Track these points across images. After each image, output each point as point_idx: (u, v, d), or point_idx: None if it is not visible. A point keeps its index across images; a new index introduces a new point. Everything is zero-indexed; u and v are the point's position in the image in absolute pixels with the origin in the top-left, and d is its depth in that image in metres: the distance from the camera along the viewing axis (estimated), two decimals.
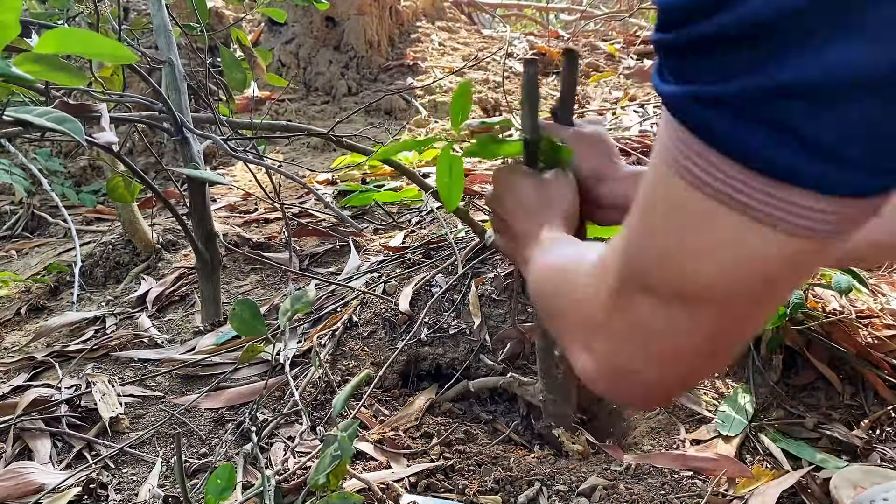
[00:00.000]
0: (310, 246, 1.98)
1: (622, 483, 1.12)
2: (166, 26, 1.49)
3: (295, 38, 3.64)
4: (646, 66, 3.68)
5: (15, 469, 1.18)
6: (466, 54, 3.79)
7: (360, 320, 1.52)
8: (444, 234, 1.77)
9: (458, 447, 1.22)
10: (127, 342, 1.59)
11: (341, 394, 1.05)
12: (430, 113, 3.19)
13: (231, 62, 1.61)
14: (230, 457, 1.20)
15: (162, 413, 1.34)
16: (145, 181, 1.40)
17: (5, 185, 2.76)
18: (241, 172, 2.73)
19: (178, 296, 1.81)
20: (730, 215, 0.35)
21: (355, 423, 0.96)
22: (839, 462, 1.15)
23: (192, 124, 1.49)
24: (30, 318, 1.87)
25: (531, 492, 1.11)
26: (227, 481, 0.92)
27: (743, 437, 1.20)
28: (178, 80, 1.49)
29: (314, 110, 3.41)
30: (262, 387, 1.36)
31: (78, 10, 1.68)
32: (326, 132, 1.60)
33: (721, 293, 0.39)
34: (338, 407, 1.04)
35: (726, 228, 0.35)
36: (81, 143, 0.87)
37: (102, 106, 1.08)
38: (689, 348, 0.42)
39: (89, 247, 2.13)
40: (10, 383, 1.44)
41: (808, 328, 1.32)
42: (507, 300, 1.52)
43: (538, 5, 4.89)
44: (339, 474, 0.95)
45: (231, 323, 1.11)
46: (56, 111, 0.85)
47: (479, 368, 1.44)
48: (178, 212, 1.50)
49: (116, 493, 1.15)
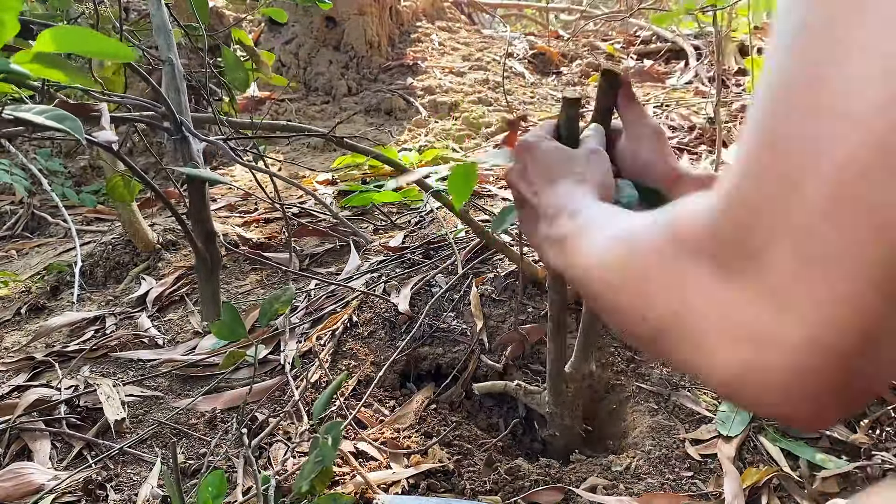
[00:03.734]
0: (310, 246, 1.98)
1: (622, 483, 1.12)
2: (166, 26, 1.49)
3: (295, 39, 3.63)
4: (646, 66, 3.68)
5: (15, 469, 1.18)
6: (466, 54, 3.79)
7: (360, 320, 1.52)
8: (444, 234, 1.77)
9: (458, 447, 1.22)
10: (127, 342, 1.59)
11: (321, 398, 1.05)
12: (430, 113, 3.19)
13: (233, 62, 1.62)
14: (229, 458, 1.20)
15: (162, 413, 1.34)
16: (144, 180, 1.40)
17: (5, 185, 2.76)
18: (241, 172, 2.73)
19: (178, 296, 1.80)
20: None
21: (339, 424, 0.96)
22: (839, 462, 1.15)
23: (191, 124, 1.49)
24: (30, 318, 1.87)
25: (531, 492, 1.11)
26: (218, 488, 0.91)
27: (743, 437, 1.20)
28: (177, 79, 1.49)
29: (314, 110, 3.41)
30: (264, 388, 1.36)
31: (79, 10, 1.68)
32: (326, 132, 1.60)
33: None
34: (317, 411, 1.03)
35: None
36: (81, 141, 0.87)
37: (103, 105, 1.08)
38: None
39: (89, 247, 2.13)
40: (10, 383, 1.44)
41: None
42: (507, 300, 1.52)
43: (538, 5, 4.89)
44: (324, 479, 0.94)
45: (212, 329, 1.10)
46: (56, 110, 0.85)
47: (479, 369, 1.44)
48: (178, 211, 1.50)
49: (116, 493, 1.15)
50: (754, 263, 0.34)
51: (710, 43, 3.56)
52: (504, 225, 1.25)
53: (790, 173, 0.32)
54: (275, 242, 2.02)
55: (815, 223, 0.32)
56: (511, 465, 1.17)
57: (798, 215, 0.32)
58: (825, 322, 0.32)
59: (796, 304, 0.33)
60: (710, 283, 0.37)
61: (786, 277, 0.33)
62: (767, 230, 0.34)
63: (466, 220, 1.55)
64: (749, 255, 0.34)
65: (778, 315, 0.34)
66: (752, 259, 0.34)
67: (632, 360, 1.39)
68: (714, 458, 1.17)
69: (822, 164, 0.31)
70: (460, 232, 1.79)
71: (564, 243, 0.57)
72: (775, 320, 0.34)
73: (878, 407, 1.26)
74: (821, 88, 0.31)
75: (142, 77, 1.46)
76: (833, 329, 0.32)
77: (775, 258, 0.33)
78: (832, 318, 0.32)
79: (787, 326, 0.33)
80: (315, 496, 0.94)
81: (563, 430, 1.23)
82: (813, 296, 0.32)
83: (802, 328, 0.33)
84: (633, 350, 1.41)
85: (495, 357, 1.43)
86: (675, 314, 0.39)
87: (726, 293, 0.36)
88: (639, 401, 1.32)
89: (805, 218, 0.32)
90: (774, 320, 0.34)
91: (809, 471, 1.15)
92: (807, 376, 0.33)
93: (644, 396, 1.32)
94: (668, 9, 4.16)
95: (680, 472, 1.15)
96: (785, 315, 0.33)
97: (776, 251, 0.33)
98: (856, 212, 0.30)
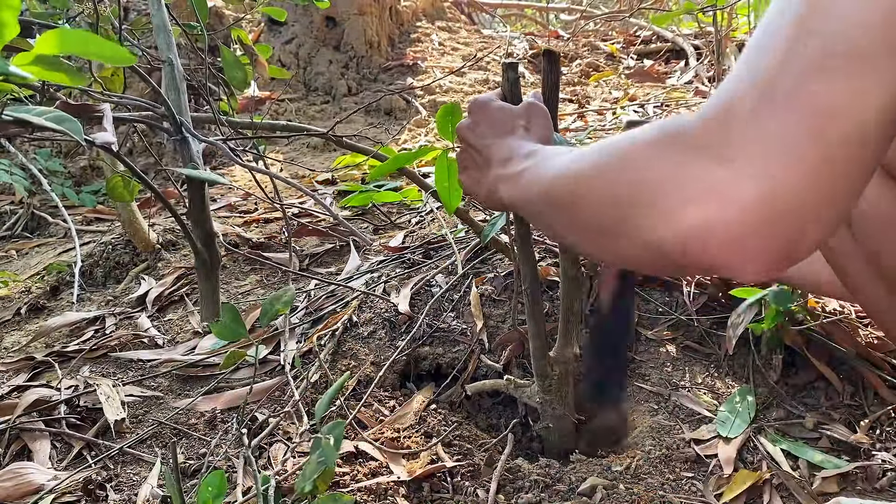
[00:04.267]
0: (310, 246, 1.98)
1: (622, 483, 1.12)
2: (166, 25, 1.49)
3: (295, 38, 3.63)
4: (646, 66, 3.68)
5: (14, 469, 1.18)
6: (466, 54, 3.78)
7: (360, 320, 1.52)
8: (444, 234, 1.77)
9: (458, 447, 1.22)
10: (127, 342, 1.59)
11: (323, 398, 1.05)
12: (430, 113, 3.19)
13: (232, 61, 1.62)
14: (229, 458, 1.20)
15: (162, 413, 1.34)
16: (144, 180, 1.40)
17: (5, 185, 2.76)
18: (241, 172, 2.73)
19: (178, 296, 1.80)
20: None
21: (341, 424, 0.96)
22: (839, 462, 1.15)
23: (191, 124, 1.49)
24: (30, 318, 1.87)
25: (532, 492, 1.11)
26: (218, 488, 0.91)
27: (743, 437, 1.20)
28: (177, 79, 1.49)
29: (314, 110, 3.41)
30: (264, 388, 1.36)
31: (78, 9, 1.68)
32: (326, 132, 1.60)
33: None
34: (319, 411, 1.03)
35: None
36: (81, 142, 0.87)
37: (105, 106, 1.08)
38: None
39: (89, 247, 2.13)
40: (10, 383, 1.44)
41: (808, 328, 1.32)
42: (507, 300, 1.52)
43: (538, 5, 4.89)
44: (326, 479, 0.94)
45: (212, 329, 1.11)
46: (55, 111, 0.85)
47: (479, 369, 1.44)
48: (178, 211, 1.50)
49: (116, 493, 1.15)
50: (730, 140, 0.43)
51: (710, 43, 3.56)
52: (494, 230, 1.26)
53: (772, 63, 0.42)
54: (275, 242, 2.02)
55: (784, 105, 0.41)
56: (511, 465, 1.17)
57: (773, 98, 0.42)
58: (783, 180, 0.41)
59: (759, 166, 0.41)
60: (684, 162, 0.45)
61: (754, 147, 0.42)
62: (745, 115, 0.43)
63: (466, 219, 1.55)
64: (726, 134, 0.43)
65: (738, 177, 0.42)
66: (728, 137, 0.43)
67: (631, 360, 1.39)
68: (714, 458, 1.17)
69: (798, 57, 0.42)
70: (460, 232, 1.79)
71: (521, 176, 0.68)
72: (736, 182, 0.42)
73: (878, 407, 1.26)
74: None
75: (141, 77, 1.46)
76: (789, 186, 0.41)
77: (748, 134, 0.42)
78: (790, 176, 0.41)
79: (746, 186, 0.42)
80: (316, 496, 0.94)
81: (555, 421, 1.22)
82: (775, 159, 0.41)
83: (761, 185, 0.41)
84: (633, 350, 1.41)
85: (495, 357, 1.43)
86: (647, 188, 0.47)
87: (696, 164, 0.44)
88: (639, 401, 1.32)
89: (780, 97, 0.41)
90: (735, 182, 0.42)
91: (809, 471, 1.15)
92: (763, 228, 0.42)
93: (644, 396, 1.32)
94: (668, 9, 4.16)
95: (680, 472, 1.15)
96: (746, 177, 0.42)
97: (748, 129, 0.42)
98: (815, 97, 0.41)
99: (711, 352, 1.40)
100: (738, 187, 0.42)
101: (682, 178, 0.44)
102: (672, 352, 1.40)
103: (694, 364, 1.38)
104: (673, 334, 1.43)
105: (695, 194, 0.43)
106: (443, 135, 1.02)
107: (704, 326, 1.43)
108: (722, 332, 1.39)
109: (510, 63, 0.93)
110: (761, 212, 0.41)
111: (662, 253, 0.46)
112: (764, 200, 0.41)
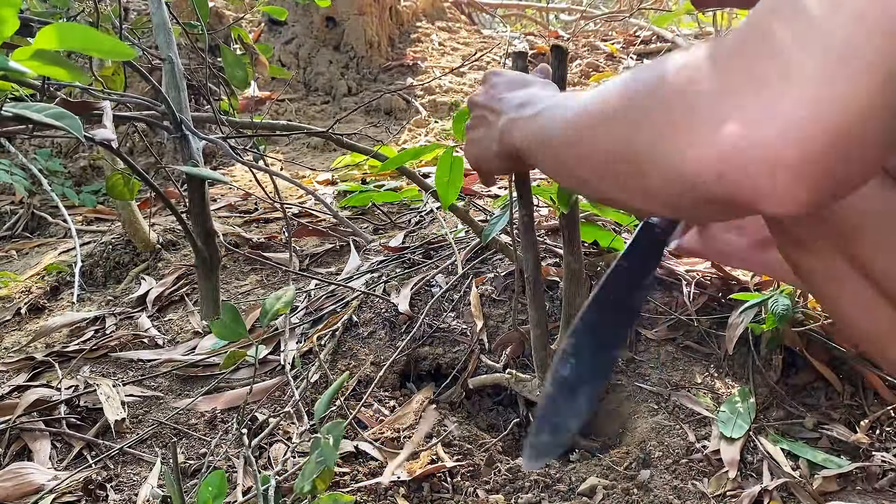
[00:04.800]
0: (310, 246, 1.98)
1: (622, 483, 1.12)
2: (165, 23, 1.49)
3: (295, 38, 3.63)
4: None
5: (15, 469, 1.18)
6: (466, 54, 3.78)
7: (360, 320, 1.52)
8: (444, 234, 1.77)
9: (458, 447, 1.22)
10: (127, 342, 1.59)
11: (322, 398, 1.05)
12: (430, 113, 3.19)
13: (233, 60, 1.61)
14: (229, 458, 1.20)
15: (162, 413, 1.34)
16: (144, 178, 1.40)
17: (5, 185, 2.76)
18: (241, 172, 2.73)
19: (178, 296, 1.80)
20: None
21: (340, 424, 0.95)
22: (839, 462, 1.15)
23: (191, 123, 1.49)
24: (30, 318, 1.87)
25: (532, 492, 1.11)
26: (218, 488, 0.91)
27: (744, 437, 1.20)
28: (177, 78, 1.49)
29: (314, 110, 3.41)
30: (264, 388, 1.36)
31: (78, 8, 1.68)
32: (326, 131, 1.60)
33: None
34: (319, 411, 1.03)
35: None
36: (80, 139, 0.87)
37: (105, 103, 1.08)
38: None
39: (89, 247, 2.13)
40: (10, 383, 1.44)
41: (808, 328, 1.32)
42: (507, 300, 1.52)
43: (538, 5, 4.89)
44: (326, 479, 0.94)
45: (213, 329, 1.10)
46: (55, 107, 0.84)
47: (479, 369, 1.44)
48: (178, 211, 1.50)
49: (116, 493, 1.15)
50: (773, 61, 0.37)
51: None
52: (494, 230, 1.26)
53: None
54: (275, 242, 2.02)
55: (840, 26, 0.35)
56: (511, 465, 1.17)
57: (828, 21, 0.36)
58: (830, 100, 0.35)
59: (807, 83, 0.36)
60: (720, 83, 0.40)
61: (806, 68, 0.36)
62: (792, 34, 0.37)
63: (466, 219, 1.55)
64: (769, 55, 0.38)
65: (782, 95, 0.36)
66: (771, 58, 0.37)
67: (631, 361, 1.39)
68: (716, 458, 1.17)
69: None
70: (460, 232, 1.78)
71: (539, 115, 0.64)
72: (778, 100, 0.36)
73: (878, 407, 1.26)
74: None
75: (142, 76, 1.46)
76: (836, 107, 0.35)
77: (794, 55, 0.36)
78: (837, 97, 0.35)
79: (790, 103, 0.36)
80: (316, 496, 0.94)
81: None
82: (824, 79, 0.35)
83: (807, 105, 0.36)
84: (632, 350, 1.41)
85: (495, 357, 1.43)
86: (684, 104, 0.41)
87: (739, 78, 0.39)
88: (639, 401, 1.32)
89: (834, 23, 0.35)
90: (777, 100, 0.36)
91: (809, 471, 1.15)
92: (803, 150, 0.36)
93: (644, 396, 1.32)
94: (668, 9, 4.16)
95: (680, 472, 1.15)
96: (790, 93, 0.36)
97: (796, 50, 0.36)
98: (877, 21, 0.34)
99: (711, 352, 1.40)
100: (791, 101, 0.36)
101: (726, 91, 0.39)
102: (672, 352, 1.40)
103: (694, 364, 1.38)
104: (673, 334, 1.43)
105: (737, 112, 0.38)
106: (458, 138, 1.03)
107: (704, 326, 1.43)
108: (722, 332, 1.39)
109: (519, 52, 0.95)
110: (814, 132, 0.36)
111: (694, 182, 0.41)
112: (818, 120, 0.36)
